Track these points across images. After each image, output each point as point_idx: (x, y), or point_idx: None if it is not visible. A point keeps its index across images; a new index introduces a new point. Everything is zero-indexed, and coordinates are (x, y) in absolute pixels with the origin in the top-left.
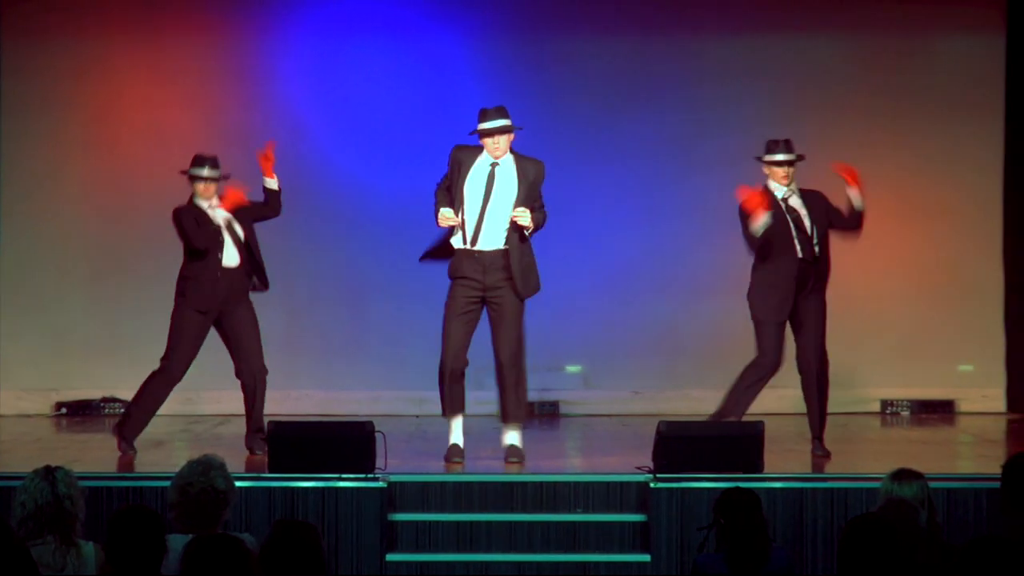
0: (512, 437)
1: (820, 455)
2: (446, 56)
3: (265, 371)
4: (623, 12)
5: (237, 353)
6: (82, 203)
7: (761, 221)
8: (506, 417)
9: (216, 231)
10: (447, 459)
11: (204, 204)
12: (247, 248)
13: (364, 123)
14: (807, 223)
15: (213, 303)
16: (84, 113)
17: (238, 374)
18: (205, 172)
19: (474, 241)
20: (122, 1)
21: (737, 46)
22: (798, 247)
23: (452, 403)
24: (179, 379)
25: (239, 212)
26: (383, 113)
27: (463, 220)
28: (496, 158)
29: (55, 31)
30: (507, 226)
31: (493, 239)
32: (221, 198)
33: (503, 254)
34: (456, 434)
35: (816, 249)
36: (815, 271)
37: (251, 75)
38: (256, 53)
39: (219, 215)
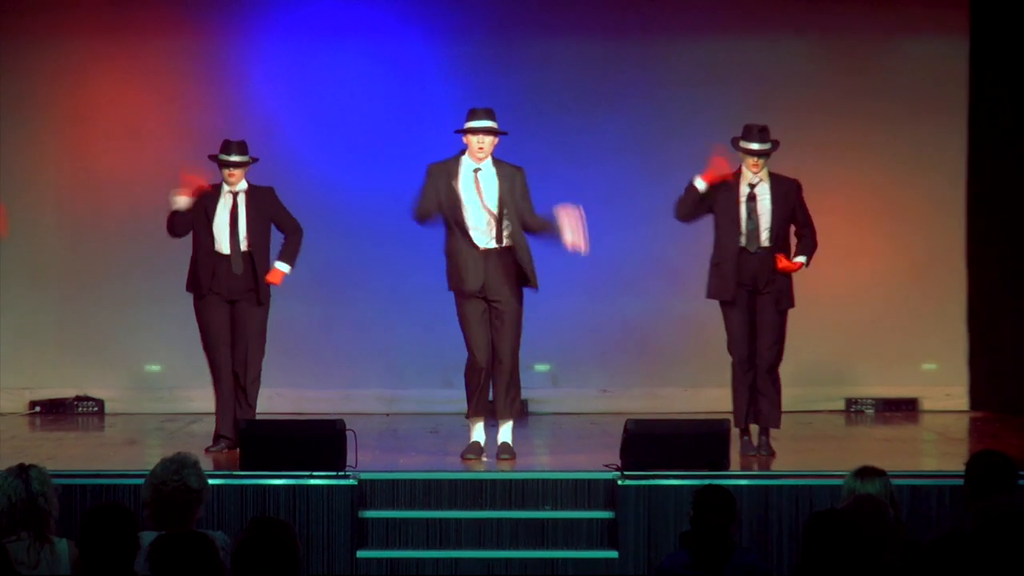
0: (505, 434)
1: (766, 454)
2: (416, 58)
3: (251, 375)
4: (592, 16)
5: (232, 350)
6: (55, 205)
7: (703, 183)
8: (499, 414)
9: (206, 217)
10: (464, 456)
11: (226, 188)
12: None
13: (335, 124)
14: (764, 215)
15: (207, 286)
16: (59, 115)
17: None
18: (233, 158)
19: (475, 243)
20: (97, 4)
21: (704, 49)
22: (743, 237)
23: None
24: (226, 368)
25: (261, 206)
26: (354, 114)
27: (463, 228)
28: (479, 160)
29: (30, 34)
30: (494, 226)
31: (483, 238)
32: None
33: (502, 252)
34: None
35: (766, 242)
36: (768, 262)
37: (224, 77)
38: (229, 55)
39: (228, 202)
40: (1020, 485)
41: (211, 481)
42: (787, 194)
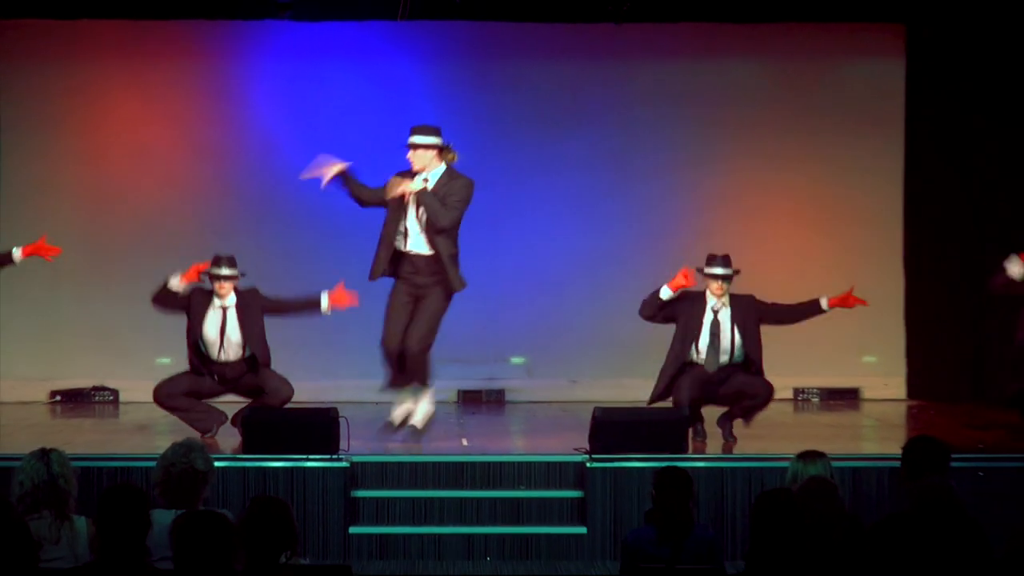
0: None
1: (731, 440)
2: (403, 79)
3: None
4: (562, 41)
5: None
6: (72, 210)
7: (667, 292)
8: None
9: (198, 319)
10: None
11: (218, 301)
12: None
13: (328, 138)
14: (724, 339)
15: (209, 381)
16: (75, 129)
17: None
18: (223, 272)
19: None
20: (110, 28)
21: (665, 71)
22: (699, 356)
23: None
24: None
25: (251, 310)
26: (345, 129)
27: (406, 229)
28: (417, 171)
29: (48, 55)
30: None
31: (418, 244)
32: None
33: (429, 259)
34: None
35: (725, 363)
36: (729, 375)
37: (226, 95)
38: (231, 75)
39: (218, 319)
40: (952, 467)
41: (217, 464)
42: (746, 316)
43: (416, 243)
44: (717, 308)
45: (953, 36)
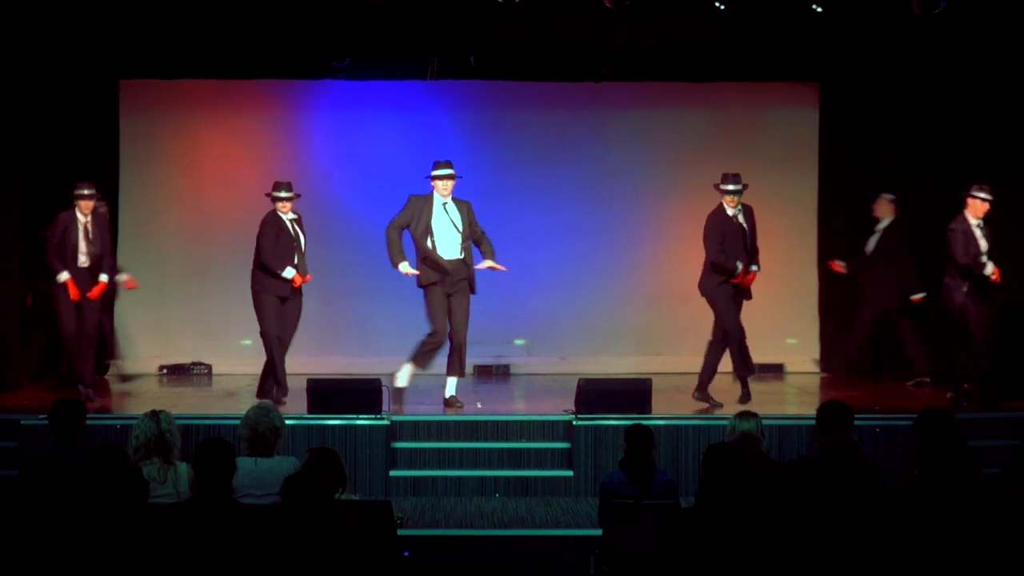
0: (451, 388)
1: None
2: (433, 124)
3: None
4: (554, 96)
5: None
6: (176, 227)
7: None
8: (453, 372)
9: (290, 241)
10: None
11: (283, 216)
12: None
13: (373, 171)
14: (747, 235)
15: (286, 290)
16: (178, 164)
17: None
18: (283, 193)
19: (437, 253)
20: (206, 86)
21: (632, 119)
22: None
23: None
24: (283, 341)
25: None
26: (387, 164)
27: (433, 244)
28: (444, 196)
29: (159, 107)
30: (461, 242)
31: (452, 252)
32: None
33: (461, 262)
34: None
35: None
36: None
37: (294, 137)
38: (298, 122)
39: (291, 224)
40: (855, 425)
41: (288, 422)
42: (751, 217)
43: (447, 250)
44: (735, 215)
45: (855, 92)
